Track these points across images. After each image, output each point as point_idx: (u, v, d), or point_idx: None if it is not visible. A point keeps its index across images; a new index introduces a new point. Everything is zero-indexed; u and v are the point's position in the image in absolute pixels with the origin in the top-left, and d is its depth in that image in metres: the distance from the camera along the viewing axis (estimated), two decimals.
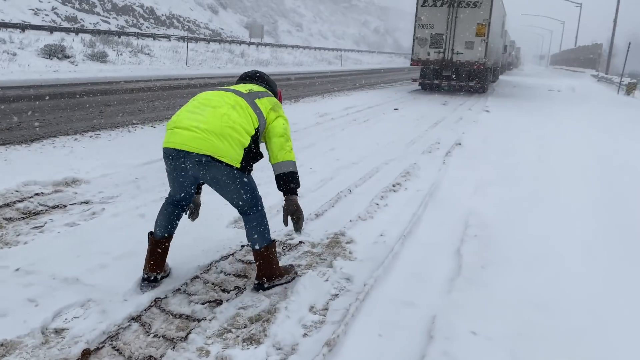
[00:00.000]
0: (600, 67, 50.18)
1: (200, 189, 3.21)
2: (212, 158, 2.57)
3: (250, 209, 2.76)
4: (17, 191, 4.36)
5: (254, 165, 2.80)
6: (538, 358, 2.35)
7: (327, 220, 4.16)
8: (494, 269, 3.27)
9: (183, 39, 32.00)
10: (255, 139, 2.74)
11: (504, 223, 4.19)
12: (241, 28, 57.13)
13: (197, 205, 3.23)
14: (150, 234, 2.88)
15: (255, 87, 2.96)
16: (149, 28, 43.34)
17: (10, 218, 3.80)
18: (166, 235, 2.85)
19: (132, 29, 40.24)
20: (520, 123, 10.61)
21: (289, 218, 2.83)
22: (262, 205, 2.82)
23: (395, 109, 12.39)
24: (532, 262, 3.42)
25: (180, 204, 2.87)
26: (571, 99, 18.17)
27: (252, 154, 2.73)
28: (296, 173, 2.81)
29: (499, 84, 26.67)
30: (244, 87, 2.92)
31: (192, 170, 2.64)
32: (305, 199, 4.67)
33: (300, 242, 3.64)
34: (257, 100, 2.81)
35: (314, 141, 7.60)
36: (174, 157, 2.64)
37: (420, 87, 19.10)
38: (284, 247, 3.57)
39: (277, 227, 3.72)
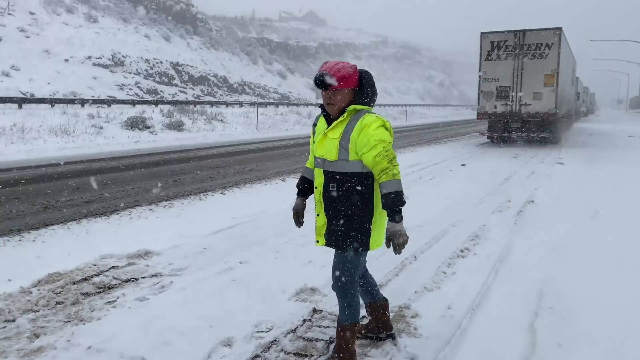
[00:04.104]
0: None
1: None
2: None
3: None
4: (95, 265, 4.61)
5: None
6: None
7: (391, 291, 4.04)
8: (573, 348, 3.00)
9: (253, 104, 33.61)
10: None
11: (584, 293, 3.88)
12: (308, 90, 59.29)
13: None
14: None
15: None
16: (222, 96, 45.99)
17: (87, 293, 4.00)
18: None
19: (207, 98, 42.87)
20: (598, 175, 10.03)
21: None
22: None
23: (463, 165, 12.14)
24: (618, 340, 3.11)
25: None
26: None
27: None
28: None
29: (574, 132, 25.60)
30: None
31: None
32: (369, 267, 4.58)
33: (363, 316, 3.54)
34: None
35: None
36: None
37: (488, 140, 18.69)
38: None
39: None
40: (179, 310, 3.63)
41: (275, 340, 3.19)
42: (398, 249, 2.67)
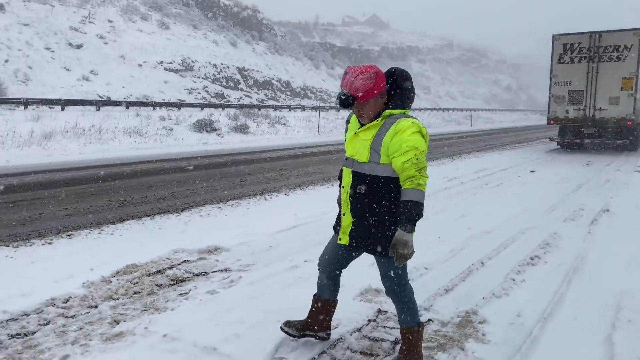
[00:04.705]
0: None
1: None
2: None
3: None
4: (168, 258, 4.84)
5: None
6: None
7: (458, 296, 3.98)
8: None
9: (315, 108, 33.95)
10: None
11: None
12: None
13: None
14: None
15: None
16: (285, 100, 46.79)
17: (161, 284, 4.21)
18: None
19: (271, 102, 43.79)
20: None
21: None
22: None
23: (532, 171, 11.70)
24: None
25: None
26: None
27: None
28: None
29: None
30: None
31: None
32: (433, 271, 4.54)
33: (429, 320, 3.51)
34: None
35: (442, 207, 7.43)
36: None
37: (559, 147, 17.89)
38: None
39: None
40: (247, 304, 3.75)
41: (341, 338, 3.23)
42: (400, 260, 2.56)
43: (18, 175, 9.82)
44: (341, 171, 2.93)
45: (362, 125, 2.72)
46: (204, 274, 4.48)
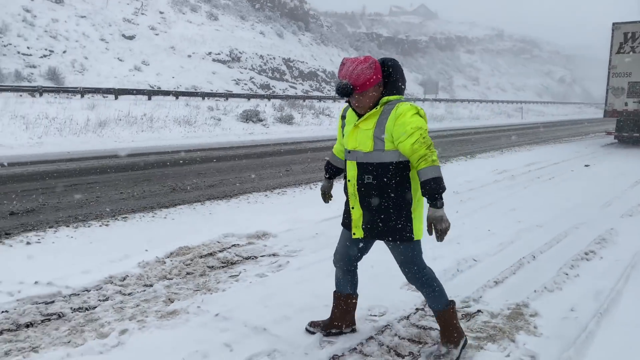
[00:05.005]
0: None
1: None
2: None
3: None
4: (219, 242, 4.97)
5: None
6: None
7: (508, 288, 3.90)
8: None
9: None
10: None
11: None
12: (416, 85, 58.31)
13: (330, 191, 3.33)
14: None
15: None
16: (330, 91, 46.75)
17: (213, 266, 4.33)
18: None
19: (315, 93, 43.87)
20: None
21: None
22: None
23: (586, 165, 11.27)
24: None
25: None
26: None
27: None
28: None
29: None
30: None
31: None
32: (483, 264, 4.47)
33: (479, 310, 3.47)
34: None
35: (492, 200, 7.27)
36: None
37: (616, 141, 17.12)
38: (461, 316, 3.42)
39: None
40: (295, 288, 3.81)
41: (389, 325, 3.24)
42: (440, 236, 2.57)
43: (76, 161, 10.28)
44: (327, 163, 3.24)
45: (359, 116, 2.73)
46: (253, 258, 4.58)
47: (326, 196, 3.34)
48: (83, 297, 3.61)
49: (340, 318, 3.08)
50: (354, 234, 2.84)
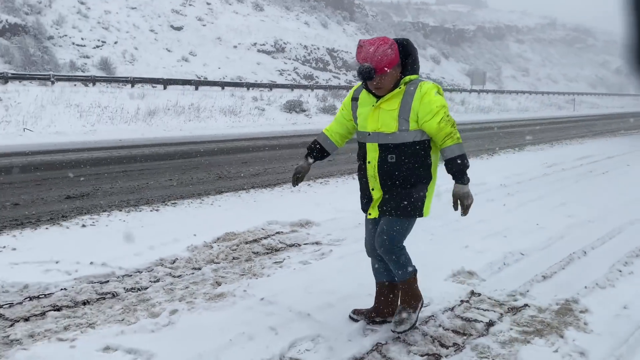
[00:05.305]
0: None
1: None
2: None
3: None
4: (263, 229, 5.06)
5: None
6: None
7: (556, 283, 3.80)
8: None
9: None
10: None
11: None
12: (462, 76, 57.13)
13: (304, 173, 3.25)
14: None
15: None
16: None
17: (257, 252, 4.42)
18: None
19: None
20: None
21: None
22: None
23: None
24: None
25: None
26: None
27: None
28: None
29: None
30: None
31: None
32: (530, 257, 4.37)
33: (526, 304, 3.40)
34: None
35: (541, 194, 7.07)
36: None
37: None
38: (507, 310, 3.36)
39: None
40: (338, 276, 3.84)
41: (433, 316, 3.22)
42: (467, 210, 2.70)
43: (127, 148, 10.66)
44: (314, 141, 3.27)
45: (378, 98, 2.70)
46: (296, 245, 4.64)
47: (298, 178, 3.20)
48: (135, 278, 3.76)
49: (384, 307, 3.09)
50: (370, 214, 2.90)
